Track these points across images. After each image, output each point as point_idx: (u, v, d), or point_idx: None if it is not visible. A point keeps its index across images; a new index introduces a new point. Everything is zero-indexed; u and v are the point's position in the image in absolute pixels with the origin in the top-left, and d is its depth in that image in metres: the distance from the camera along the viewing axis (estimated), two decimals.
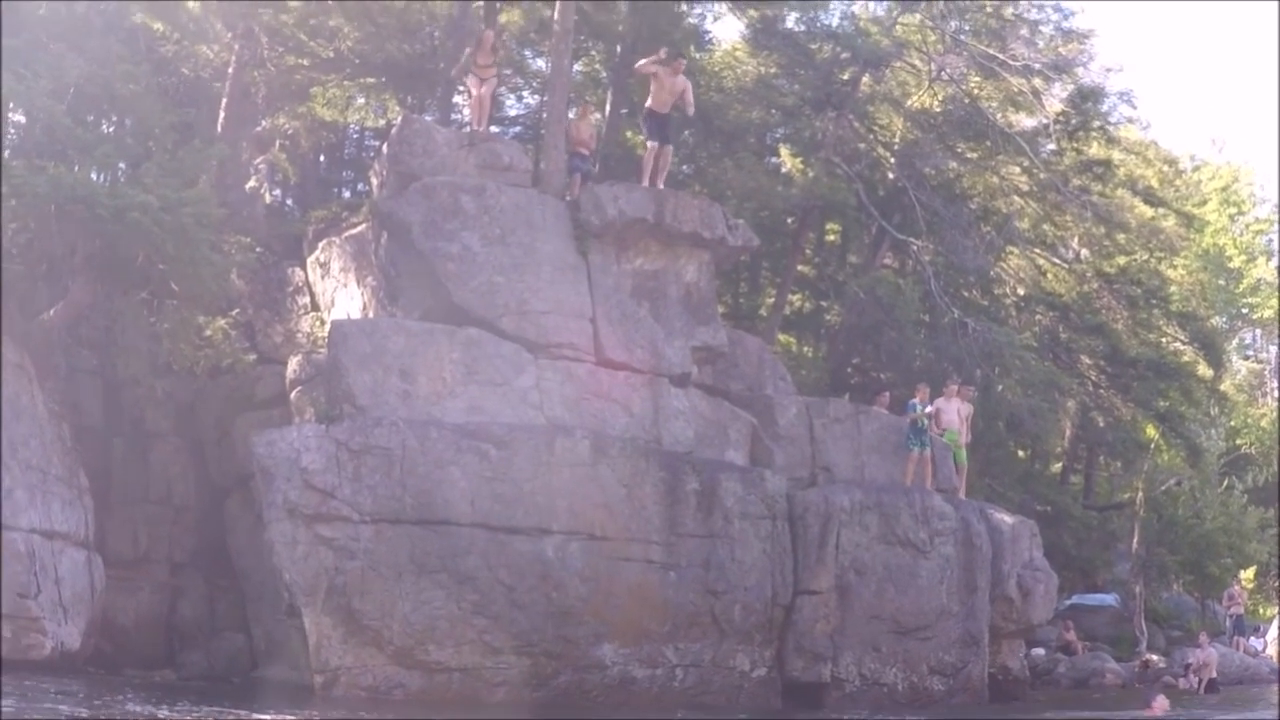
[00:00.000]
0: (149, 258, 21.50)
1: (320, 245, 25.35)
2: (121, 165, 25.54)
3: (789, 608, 20.89)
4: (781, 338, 35.83)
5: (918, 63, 34.19)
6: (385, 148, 24.66)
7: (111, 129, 27.25)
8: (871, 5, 35.04)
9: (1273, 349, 59.06)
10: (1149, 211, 38.29)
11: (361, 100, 31.84)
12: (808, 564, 21.14)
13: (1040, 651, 30.13)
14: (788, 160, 34.20)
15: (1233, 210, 54.69)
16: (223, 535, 24.72)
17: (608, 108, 30.54)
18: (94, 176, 23.54)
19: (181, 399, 24.84)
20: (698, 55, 33.12)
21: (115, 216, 20.36)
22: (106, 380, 24.80)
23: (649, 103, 24.16)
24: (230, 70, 27.99)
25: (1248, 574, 39.65)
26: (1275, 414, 50.75)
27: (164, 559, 24.73)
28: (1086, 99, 34.51)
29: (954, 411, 25.85)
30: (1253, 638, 35.96)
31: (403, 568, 18.37)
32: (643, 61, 24.36)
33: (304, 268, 26.00)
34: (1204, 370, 39.38)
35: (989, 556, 22.90)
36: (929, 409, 24.63)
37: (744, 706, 19.89)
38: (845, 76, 32.91)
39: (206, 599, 24.80)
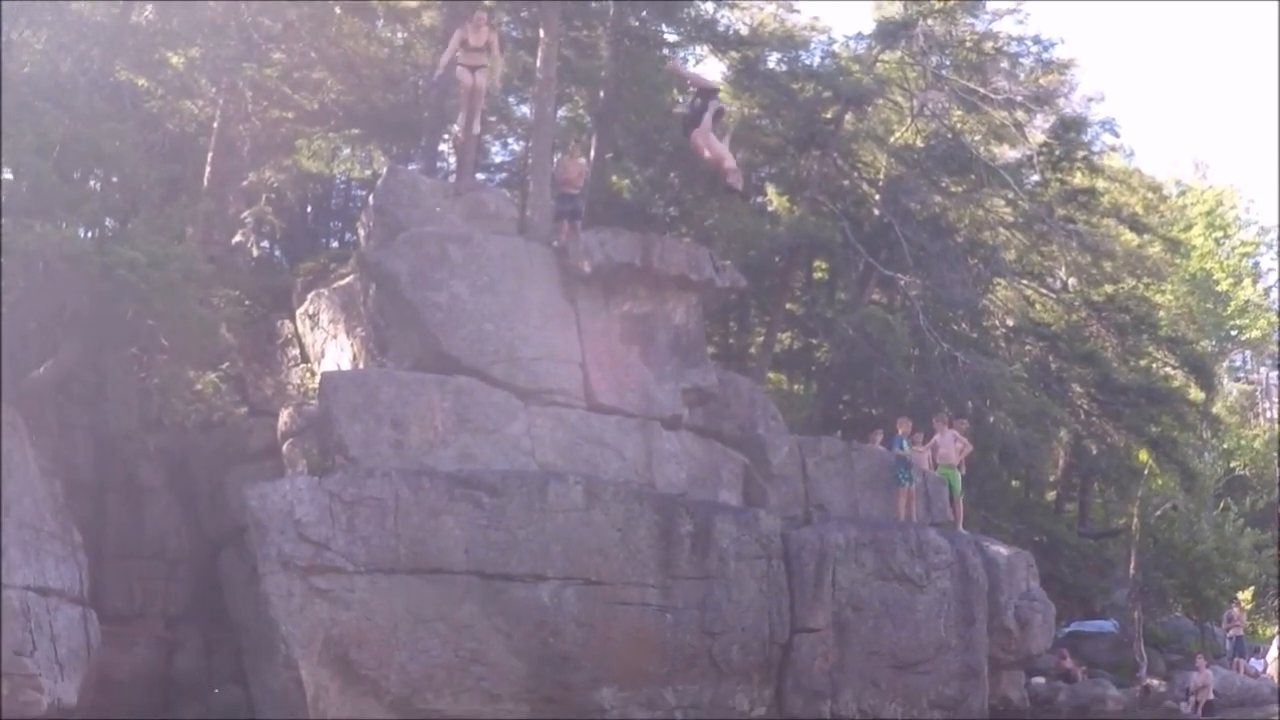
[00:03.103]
0: (138, 313, 21.51)
1: (309, 297, 25.40)
2: (108, 222, 25.54)
3: (787, 646, 20.85)
4: (772, 376, 35.96)
5: (900, 99, 34.45)
6: (371, 199, 24.72)
7: (98, 186, 27.30)
8: (852, 44, 35.29)
9: (1263, 370, 59.14)
10: (1135, 239, 38.47)
11: (347, 152, 32.00)
12: (804, 602, 21.09)
13: (1040, 681, 30.05)
14: (774, 200, 34.41)
15: (1218, 234, 54.86)
16: (218, 588, 24.65)
17: (592, 152, 30.67)
18: (81, 233, 23.55)
19: (173, 453, 24.81)
20: (680, 98, 33.29)
21: (103, 273, 20.38)
22: (98, 436, 24.75)
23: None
24: (215, 125, 28.13)
25: (1246, 595, 39.66)
26: (1269, 435, 50.81)
27: (159, 613, 24.62)
28: (1069, 129, 34.80)
29: (949, 443, 25.95)
30: (1253, 659, 35.91)
31: (399, 617, 18.32)
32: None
33: (293, 320, 26.02)
34: (1195, 394, 39.45)
35: (986, 588, 22.90)
36: (908, 447, 24.73)
37: None
38: (828, 115, 33.14)
39: (203, 652, 24.70)
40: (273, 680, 22.06)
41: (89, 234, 24.38)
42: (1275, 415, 56.10)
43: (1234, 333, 53.69)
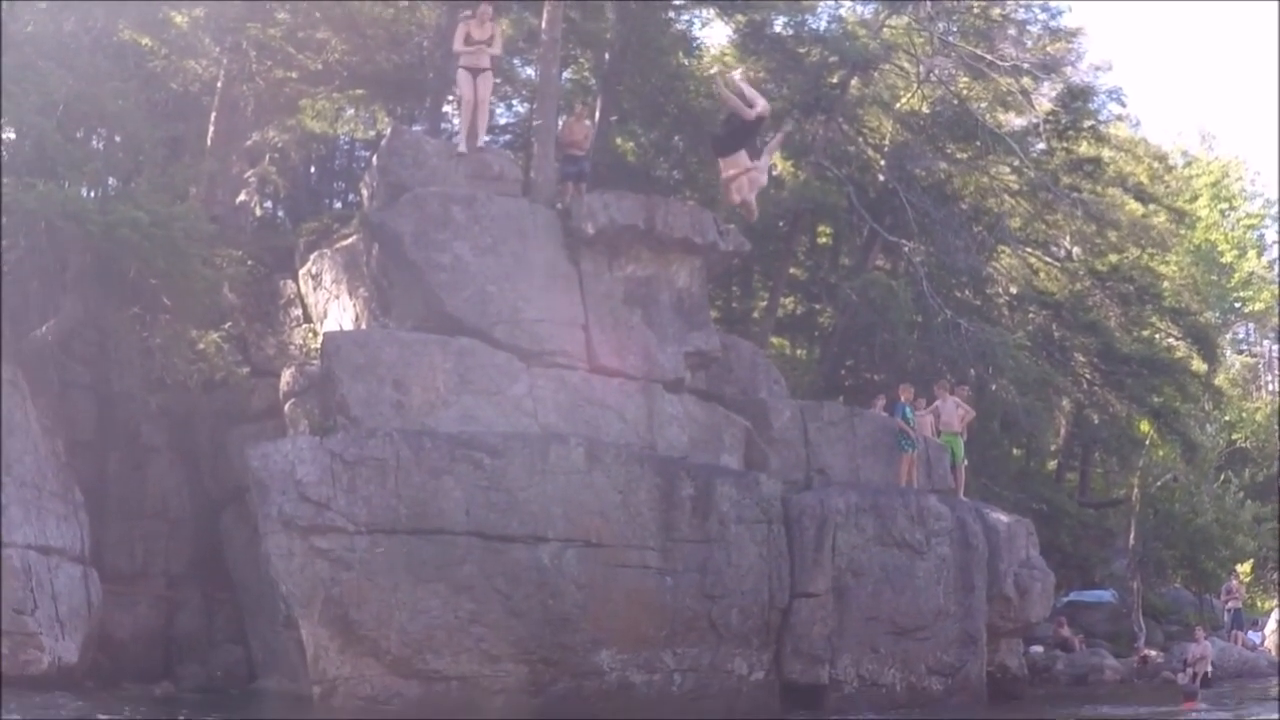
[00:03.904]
0: (140, 273, 21.55)
1: (312, 257, 25.36)
2: (111, 181, 25.58)
3: (786, 611, 20.84)
4: (775, 341, 35.96)
5: (906, 65, 34.31)
6: (375, 159, 24.64)
7: (101, 145, 27.30)
8: (858, 8, 35.17)
9: (1266, 343, 59.18)
10: (1140, 208, 38.43)
11: (351, 112, 31.83)
12: (804, 567, 21.07)
13: (1038, 649, 30.17)
14: (778, 164, 34.27)
15: (1223, 205, 54.81)
16: (219, 548, 24.73)
17: (597, 115, 30.57)
18: (84, 192, 23.57)
19: (175, 413, 24.83)
20: (686, 61, 33.17)
21: (106, 232, 20.40)
22: (100, 395, 24.81)
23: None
24: (219, 84, 28.01)
25: (1245, 568, 39.78)
26: (1270, 408, 50.88)
27: (160, 572, 24.72)
28: (1076, 98, 34.68)
29: (952, 410, 25.99)
30: (1251, 631, 36.04)
31: (399, 577, 18.31)
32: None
33: (296, 280, 26.01)
34: (1198, 365, 39.50)
35: (985, 556, 22.91)
36: (911, 414, 24.71)
37: (742, 710, 19.87)
38: (834, 80, 33.00)
39: (204, 611, 24.82)
40: (273, 639, 22.20)
41: (92, 193, 24.45)
42: (1277, 388, 56.11)
43: (1237, 305, 53.75)
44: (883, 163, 34.15)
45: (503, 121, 36.81)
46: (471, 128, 23.39)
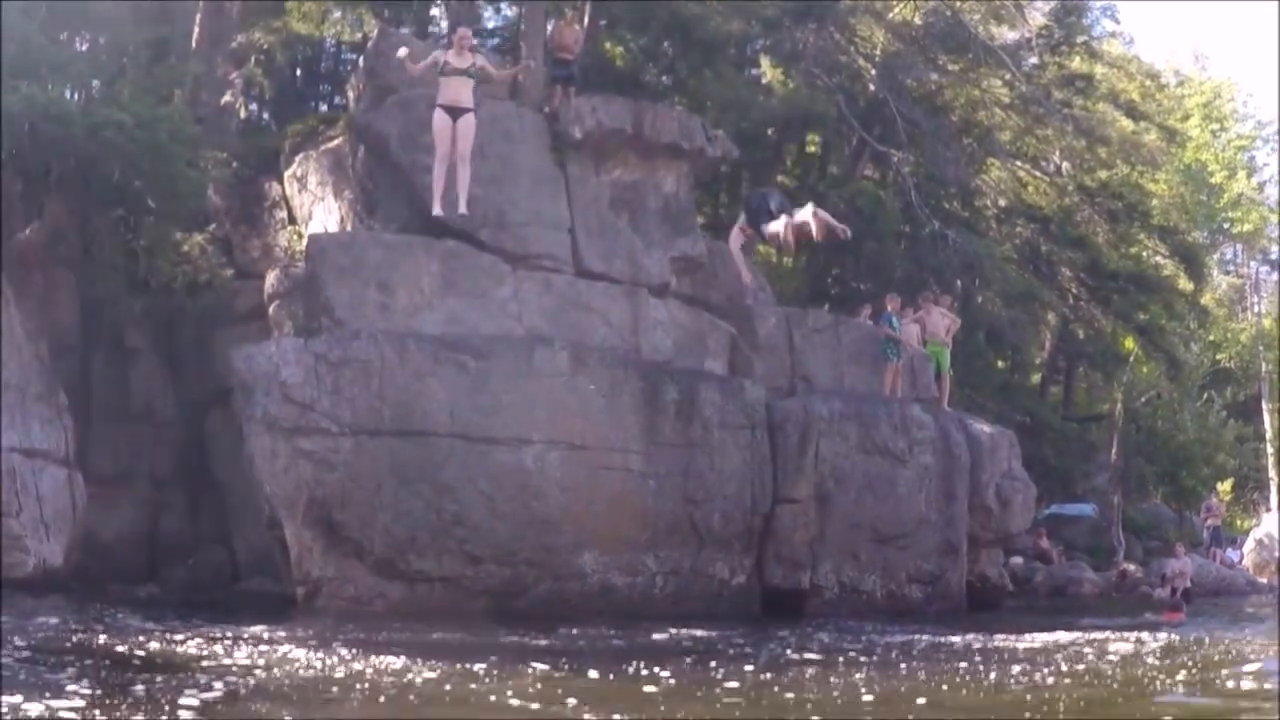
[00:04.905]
0: (124, 175, 21.39)
1: (297, 159, 25.18)
2: (96, 83, 25.35)
3: (768, 516, 20.88)
4: (761, 248, 35.80)
5: None
6: (362, 61, 24.46)
7: (85, 46, 27.00)
8: None
9: (1253, 264, 59.26)
10: (1130, 126, 38.37)
11: (338, 14, 31.47)
12: (787, 472, 21.09)
13: (1019, 560, 30.42)
14: (768, 71, 34.11)
15: (1215, 126, 54.62)
16: (203, 450, 24.73)
17: (586, 19, 30.28)
18: (68, 94, 23.37)
19: (160, 315, 24.74)
20: None
21: (90, 134, 20.26)
22: (84, 298, 24.65)
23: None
24: None
25: (1225, 486, 40.08)
26: (1255, 329, 51.08)
27: (145, 475, 24.70)
28: (1069, 13, 34.61)
29: (937, 320, 26.00)
30: (1229, 549, 36.39)
31: (382, 479, 18.29)
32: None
33: (281, 182, 25.82)
34: (1185, 284, 39.57)
35: (967, 466, 22.92)
36: (898, 324, 24.71)
37: (723, 613, 19.97)
38: None
39: (188, 513, 24.87)
40: (257, 541, 22.24)
41: (76, 95, 24.24)
42: (1262, 310, 56.23)
43: (1226, 225, 53.68)
44: (873, 72, 33.94)
45: (491, 25, 36.58)
46: (449, 184, 19.76)
